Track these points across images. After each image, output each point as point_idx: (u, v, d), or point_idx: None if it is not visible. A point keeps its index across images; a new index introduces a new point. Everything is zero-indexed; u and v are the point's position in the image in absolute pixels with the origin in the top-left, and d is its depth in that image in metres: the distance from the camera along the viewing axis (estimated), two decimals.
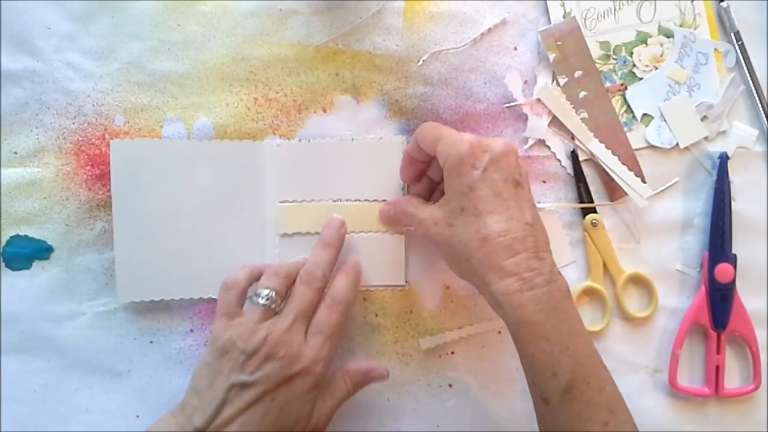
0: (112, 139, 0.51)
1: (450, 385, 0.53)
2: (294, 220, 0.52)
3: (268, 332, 0.44)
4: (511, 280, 0.40)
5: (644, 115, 0.54)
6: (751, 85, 0.53)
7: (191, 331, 0.52)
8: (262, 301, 0.45)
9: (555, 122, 0.54)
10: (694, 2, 0.54)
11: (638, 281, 0.54)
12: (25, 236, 0.52)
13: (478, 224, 0.41)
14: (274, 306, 0.45)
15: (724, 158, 0.52)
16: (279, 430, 0.43)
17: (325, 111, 0.53)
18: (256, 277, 0.48)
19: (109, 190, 0.51)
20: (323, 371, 0.45)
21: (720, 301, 0.52)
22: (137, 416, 0.52)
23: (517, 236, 0.41)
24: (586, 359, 0.41)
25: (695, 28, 0.54)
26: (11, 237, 0.52)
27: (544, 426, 0.43)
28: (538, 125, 0.53)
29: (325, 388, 0.47)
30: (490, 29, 0.53)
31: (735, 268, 0.52)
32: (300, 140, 0.52)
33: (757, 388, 0.53)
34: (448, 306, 0.53)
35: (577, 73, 0.53)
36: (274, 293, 0.46)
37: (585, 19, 0.54)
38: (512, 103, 0.53)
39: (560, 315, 0.41)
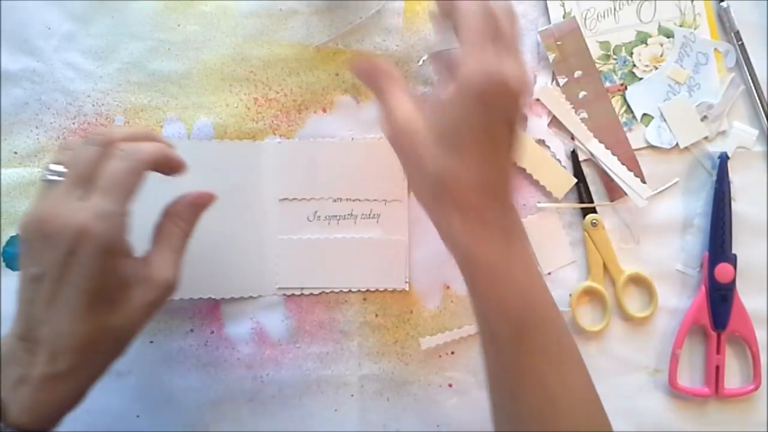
0: None
1: (450, 385, 0.53)
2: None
3: (38, 209, 0.36)
4: (473, 217, 0.37)
5: (644, 115, 0.54)
6: (751, 85, 0.53)
7: (191, 331, 0.52)
8: (48, 177, 0.38)
9: (555, 122, 0.54)
10: (694, 2, 0.54)
11: (638, 281, 0.54)
12: None
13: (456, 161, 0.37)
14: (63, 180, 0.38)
15: (724, 158, 0.52)
16: (101, 314, 0.36)
17: (325, 111, 0.53)
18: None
19: None
20: (108, 230, 0.35)
21: (720, 301, 0.52)
22: (137, 416, 0.52)
23: (491, 181, 0.37)
24: (541, 303, 0.38)
25: (695, 28, 0.54)
26: (11, 237, 0.52)
27: (490, 369, 0.40)
28: (538, 125, 0.53)
29: (159, 241, 0.41)
30: None
31: (735, 268, 0.52)
32: (300, 140, 0.52)
33: (757, 388, 0.53)
34: (448, 306, 0.53)
35: (577, 73, 0.53)
36: (62, 167, 0.38)
37: (585, 19, 0.54)
38: None
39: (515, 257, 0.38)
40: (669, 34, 0.54)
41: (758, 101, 0.53)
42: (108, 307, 0.37)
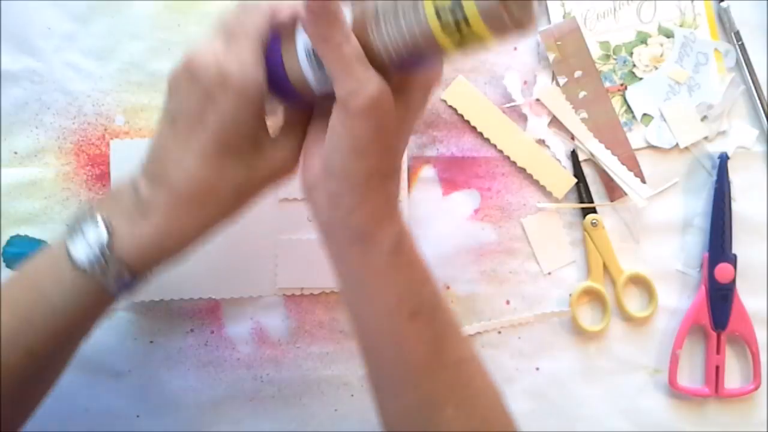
0: (112, 139, 0.51)
1: None
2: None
3: (186, 54, 0.36)
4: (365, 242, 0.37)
5: (644, 115, 0.54)
6: (751, 85, 0.53)
7: (191, 331, 0.52)
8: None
9: (555, 122, 0.54)
10: (694, 2, 0.54)
11: (638, 281, 0.54)
12: (26, 236, 0.52)
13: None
14: None
15: (724, 158, 0.52)
16: (227, 162, 0.36)
17: None
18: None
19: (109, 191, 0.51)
20: (247, 77, 0.35)
21: (720, 301, 0.52)
22: (137, 416, 0.52)
23: None
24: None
25: (695, 28, 0.54)
26: (11, 237, 0.52)
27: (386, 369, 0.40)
28: (538, 125, 0.53)
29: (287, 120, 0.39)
30: None
31: (735, 268, 0.52)
32: None
33: (757, 388, 0.53)
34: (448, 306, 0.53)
35: (577, 73, 0.53)
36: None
37: (585, 19, 0.54)
38: (512, 104, 0.53)
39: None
40: (669, 34, 0.54)
41: (758, 101, 0.53)
42: (235, 158, 0.37)
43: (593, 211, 0.53)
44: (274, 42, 0.36)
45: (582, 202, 0.53)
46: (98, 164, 0.52)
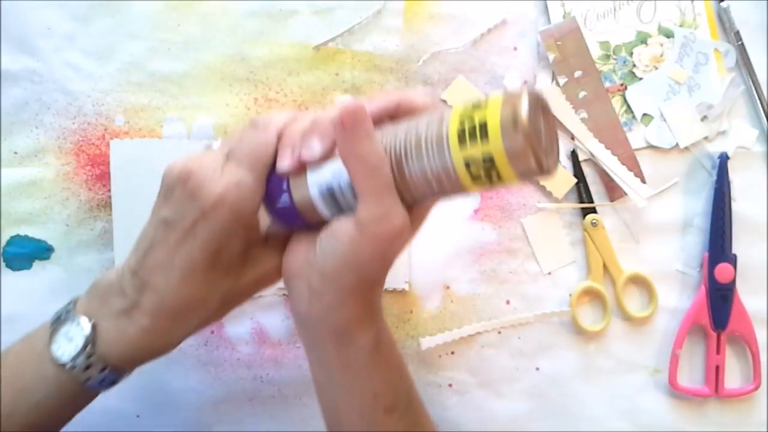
0: (112, 139, 0.51)
1: (450, 385, 0.53)
2: None
3: (186, 162, 0.36)
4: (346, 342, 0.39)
5: (644, 115, 0.54)
6: (751, 85, 0.53)
7: None
8: (214, 145, 0.39)
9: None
10: (694, 2, 0.54)
11: (638, 281, 0.54)
12: (26, 236, 0.52)
13: None
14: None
15: (724, 158, 0.52)
16: (214, 276, 0.36)
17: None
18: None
19: (109, 190, 0.51)
20: (241, 200, 0.35)
21: (720, 301, 0.52)
22: (137, 416, 0.52)
23: None
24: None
25: (695, 28, 0.54)
26: (11, 237, 0.52)
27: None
28: None
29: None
30: (490, 29, 0.53)
31: (735, 268, 0.52)
32: None
33: (757, 388, 0.53)
34: (448, 306, 0.53)
35: (577, 73, 0.53)
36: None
37: (585, 19, 0.54)
38: None
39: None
40: (669, 34, 0.54)
41: (758, 101, 0.53)
42: (223, 272, 0.37)
43: (593, 211, 0.53)
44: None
45: (582, 202, 0.53)
46: (98, 164, 0.52)
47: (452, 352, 0.53)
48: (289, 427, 0.53)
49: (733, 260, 0.52)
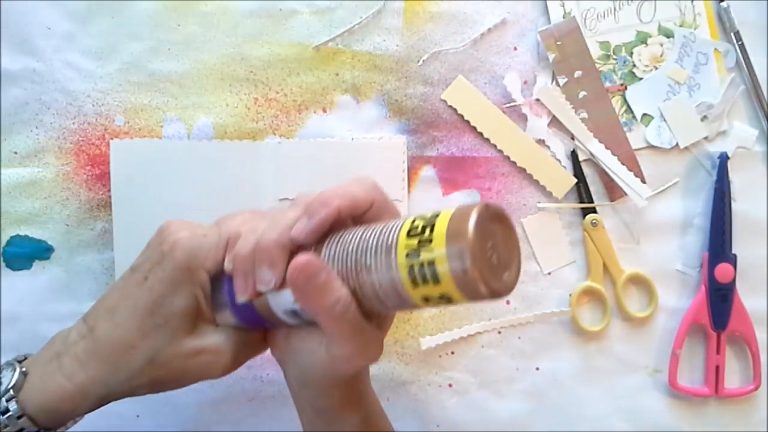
0: (112, 139, 0.51)
1: (450, 385, 0.53)
2: None
3: (175, 220, 0.38)
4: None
5: (644, 115, 0.54)
6: (751, 85, 0.53)
7: None
8: None
9: (555, 122, 0.54)
10: (694, 2, 0.54)
11: (638, 281, 0.54)
12: (26, 236, 0.52)
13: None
14: None
15: (724, 158, 0.52)
16: (149, 323, 0.36)
17: (325, 111, 0.53)
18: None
19: (109, 190, 0.51)
20: (193, 247, 0.36)
21: (720, 301, 0.52)
22: (137, 416, 0.52)
23: None
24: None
25: (695, 28, 0.54)
26: (11, 237, 0.52)
27: None
28: (538, 125, 0.53)
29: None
30: (490, 29, 0.53)
31: (735, 268, 0.52)
32: (300, 140, 0.52)
33: (757, 388, 0.53)
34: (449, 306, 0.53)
35: (577, 73, 0.53)
36: None
37: (585, 19, 0.54)
38: (512, 104, 0.53)
39: None
40: (669, 34, 0.54)
41: (758, 101, 0.53)
42: (159, 324, 0.36)
43: (593, 211, 0.53)
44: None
45: (582, 202, 0.53)
46: (98, 164, 0.52)
47: (452, 352, 0.53)
48: (289, 427, 0.52)
49: (733, 260, 0.52)
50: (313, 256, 0.33)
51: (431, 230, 0.30)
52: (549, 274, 0.54)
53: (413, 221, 0.31)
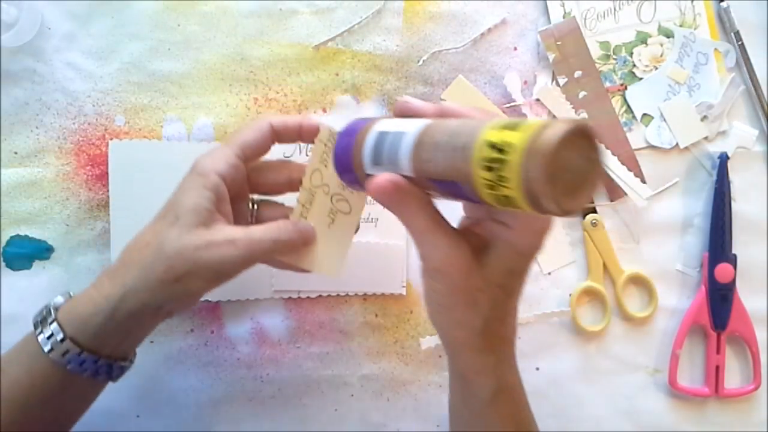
0: (112, 139, 0.51)
1: None
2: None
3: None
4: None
5: (644, 115, 0.54)
6: (751, 85, 0.53)
7: (191, 331, 0.52)
8: None
9: None
10: (694, 2, 0.54)
11: (638, 281, 0.54)
12: (26, 236, 0.52)
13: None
14: None
15: (724, 158, 0.52)
16: (162, 223, 0.40)
17: (325, 111, 0.53)
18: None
19: (109, 190, 0.51)
20: (204, 161, 0.41)
21: (720, 301, 0.52)
22: (137, 416, 0.52)
23: None
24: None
25: (695, 28, 0.54)
26: (11, 237, 0.52)
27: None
28: None
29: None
30: (490, 29, 0.53)
31: (735, 268, 0.52)
32: None
33: (757, 388, 0.53)
34: None
35: (577, 73, 0.53)
36: None
37: (585, 19, 0.54)
38: (512, 104, 0.53)
39: None
40: (669, 34, 0.54)
41: (758, 101, 0.53)
42: (178, 225, 0.39)
43: (593, 211, 0.53)
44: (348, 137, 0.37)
45: None
46: (98, 164, 0.52)
47: None
48: (289, 427, 0.53)
49: (733, 260, 0.52)
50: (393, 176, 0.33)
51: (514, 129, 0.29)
52: (549, 274, 0.54)
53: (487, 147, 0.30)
